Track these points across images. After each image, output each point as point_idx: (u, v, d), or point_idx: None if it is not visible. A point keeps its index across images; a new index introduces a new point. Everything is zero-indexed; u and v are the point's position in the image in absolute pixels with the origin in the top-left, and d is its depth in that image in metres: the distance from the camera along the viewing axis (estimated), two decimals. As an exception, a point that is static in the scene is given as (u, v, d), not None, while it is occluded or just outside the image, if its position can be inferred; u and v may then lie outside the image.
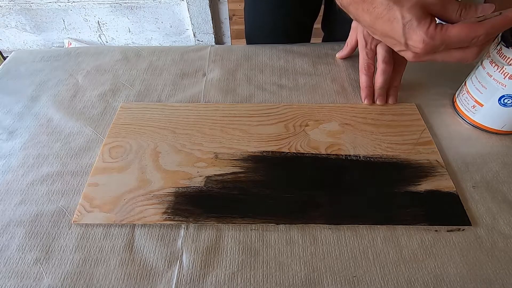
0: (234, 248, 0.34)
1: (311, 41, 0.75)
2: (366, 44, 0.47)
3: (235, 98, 0.50)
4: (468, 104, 0.44)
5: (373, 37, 0.46)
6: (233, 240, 0.34)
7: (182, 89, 0.52)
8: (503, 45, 0.38)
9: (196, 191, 0.38)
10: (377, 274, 0.32)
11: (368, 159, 0.41)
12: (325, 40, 0.78)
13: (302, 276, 0.32)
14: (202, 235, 0.35)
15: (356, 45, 0.52)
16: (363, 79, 0.48)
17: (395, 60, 0.47)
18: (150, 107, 0.48)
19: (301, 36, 0.70)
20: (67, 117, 0.47)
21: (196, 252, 0.33)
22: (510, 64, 0.37)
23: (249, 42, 0.72)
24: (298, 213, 0.36)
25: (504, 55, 0.38)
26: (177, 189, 0.38)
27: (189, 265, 0.33)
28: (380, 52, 0.46)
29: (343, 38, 0.59)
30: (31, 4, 1.53)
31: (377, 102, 0.48)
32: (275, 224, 0.35)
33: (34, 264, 0.33)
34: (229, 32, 1.65)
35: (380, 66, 0.46)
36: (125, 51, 0.59)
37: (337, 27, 0.71)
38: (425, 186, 0.38)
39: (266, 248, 0.34)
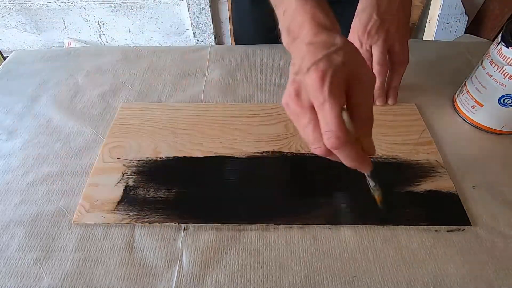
0: (234, 248, 0.34)
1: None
2: (362, 45, 0.47)
3: (235, 98, 0.50)
4: (468, 104, 0.44)
5: (367, 38, 0.46)
6: (233, 240, 0.34)
7: (182, 89, 0.52)
8: (503, 45, 0.38)
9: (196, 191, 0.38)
10: (377, 274, 0.32)
11: (368, 159, 0.41)
12: None
13: (302, 276, 0.32)
14: (202, 235, 0.35)
15: None
16: None
17: (394, 61, 0.46)
18: (150, 107, 0.48)
19: None
20: (67, 117, 0.47)
21: (196, 252, 0.33)
22: (510, 64, 0.37)
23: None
24: (298, 213, 0.36)
25: (504, 55, 0.38)
26: (177, 189, 0.38)
27: (189, 265, 0.33)
28: (375, 54, 0.46)
29: None
30: (31, 4, 1.53)
31: (377, 103, 0.48)
32: (275, 224, 0.35)
33: (34, 264, 0.33)
34: (229, 32, 1.65)
35: (375, 68, 0.46)
36: (125, 51, 0.59)
37: None
38: (425, 186, 0.38)
39: (266, 248, 0.34)
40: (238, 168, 0.40)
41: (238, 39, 0.73)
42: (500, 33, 0.39)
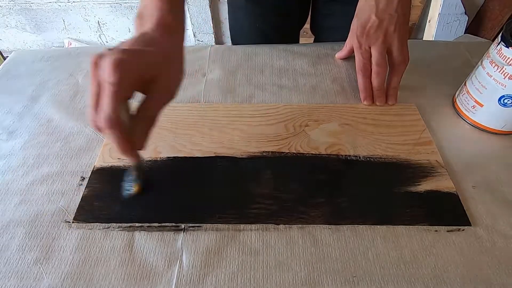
0: (234, 248, 0.34)
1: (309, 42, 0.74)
2: (361, 45, 0.47)
3: (235, 98, 0.50)
4: (468, 104, 0.44)
5: (366, 38, 0.46)
6: (233, 240, 0.34)
7: (182, 89, 0.52)
8: (503, 45, 0.38)
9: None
10: (377, 274, 0.32)
11: (368, 159, 0.41)
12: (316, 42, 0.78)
13: (302, 276, 0.32)
14: (202, 235, 0.35)
15: None
16: (360, 80, 0.48)
17: (394, 61, 0.47)
18: (150, 107, 0.48)
19: (286, 42, 0.69)
20: (67, 117, 0.47)
21: (196, 252, 0.33)
22: (510, 64, 0.37)
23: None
24: (298, 213, 0.36)
25: (504, 55, 0.38)
26: (177, 189, 0.38)
27: (189, 265, 0.33)
28: (374, 54, 0.46)
29: (334, 40, 0.59)
30: (31, 4, 1.53)
31: (377, 103, 0.48)
32: (275, 224, 0.35)
33: (34, 264, 0.33)
34: (229, 32, 1.65)
35: (373, 68, 0.46)
36: (125, 51, 0.59)
37: (325, 33, 0.70)
38: (425, 186, 0.38)
39: (266, 248, 0.34)
40: (238, 168, 0.40)
41: (234, 39, 0.73)
42: (500, 33, 0.39)
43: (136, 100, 0.30)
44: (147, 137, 0.30)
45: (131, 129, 0.29)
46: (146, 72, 0.29)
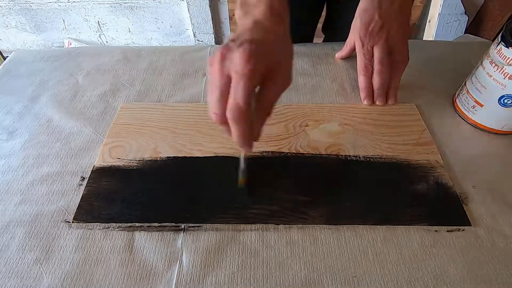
0: (234, 248, 0.34)
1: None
2: (363, 45, 0.47)
3: (235, 98, 0.50)
4: (468, 104, 0.44)
5: (369, 38, 0.46)
6: (233, 240, 0.34)
7: (182, 89, 0.52)
8: (503, 45, 0.38)
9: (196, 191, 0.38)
10: (377, 274, 0.32)
11: (368, 159, 0.41)
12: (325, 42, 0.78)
13: (302, 276, 0.32)
14: (202, 235, 0.35)
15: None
16: (361, 79, 0.48)
17: (394, 61, 0.47)
18: (150, 107, 0.48)
19: (301, 40, 0.69)
20: (67, 117, 0.47)
21: (196, 252, 0.33)
22: (510, 64, 0.37)
23: None
24: (298, 213, 0.36)
25: (504, 55, 0.38)
26: (177, 189, 0.38)
27: (189, 265, 0.33)
28: (376, 54, 0.46)
29: (344, 41, 0.59)
30: (31, 4, 1.53)
31: (377, 103, 0.48)
32: (275, 224, 0.35)
33: (34, 264, 0.33)
34: (229, 32, 1.65)
35: (376, 67, 0.46)
36: (125, 51, 0.59)
37: (339, 31, 0.70)
38: (425, 186, 0.38)
39: (266, 248, 0.34)
40: (238, 168, 0.40)
41: None
42: (500, 33, 0.39)
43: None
44: (263, 127, 0.31)
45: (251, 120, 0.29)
46: (271, 62, 0.29)
